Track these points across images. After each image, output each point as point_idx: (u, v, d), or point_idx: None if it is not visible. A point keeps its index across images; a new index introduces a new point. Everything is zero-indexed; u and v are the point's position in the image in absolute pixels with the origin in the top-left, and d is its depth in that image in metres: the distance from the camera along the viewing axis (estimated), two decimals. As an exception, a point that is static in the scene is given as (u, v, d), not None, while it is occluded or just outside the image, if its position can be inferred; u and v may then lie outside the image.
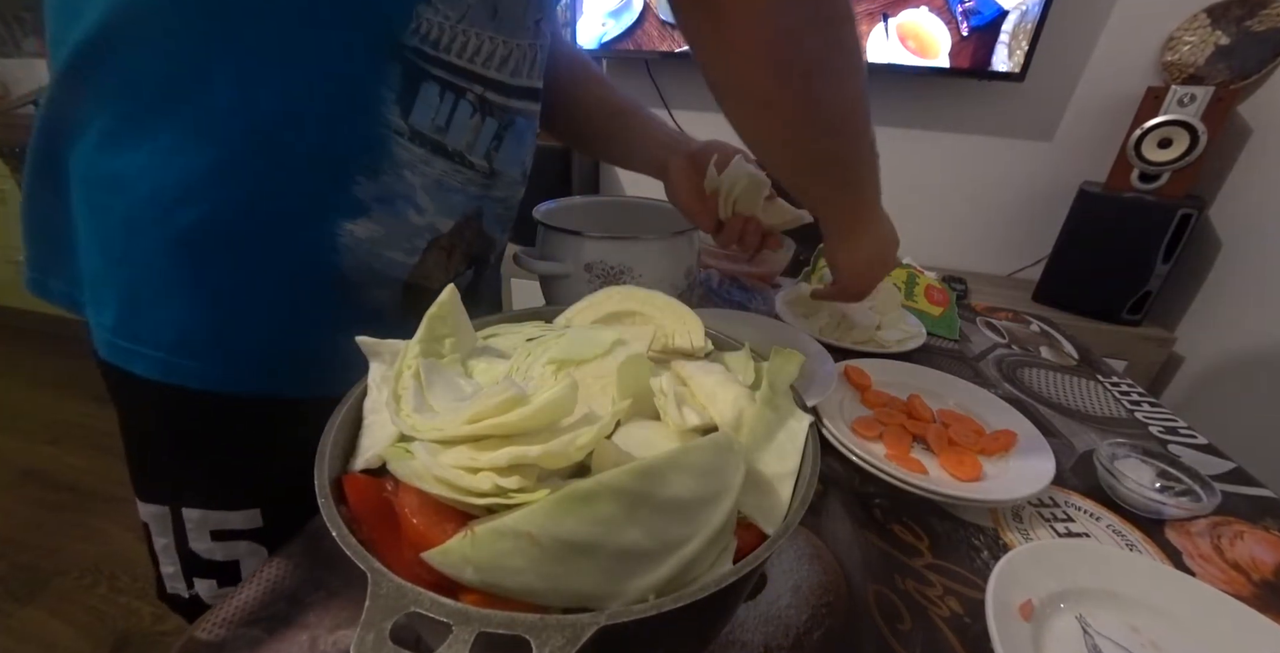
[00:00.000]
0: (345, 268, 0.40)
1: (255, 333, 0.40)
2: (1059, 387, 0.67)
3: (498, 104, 0.43)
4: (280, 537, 0.39)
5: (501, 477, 0.22)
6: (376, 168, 0.38)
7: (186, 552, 0.45)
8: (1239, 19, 1.27)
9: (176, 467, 0.44)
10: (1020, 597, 0.35)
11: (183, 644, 0.31)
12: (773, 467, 0.27)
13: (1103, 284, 1.36)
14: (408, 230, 0.42)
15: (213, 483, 0.44)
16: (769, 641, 0.33)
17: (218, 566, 0.45)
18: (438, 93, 0.39)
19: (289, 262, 0.39)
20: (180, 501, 0.44)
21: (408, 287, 0.44)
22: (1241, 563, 0.43)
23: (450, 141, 0.41)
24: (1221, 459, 0.55)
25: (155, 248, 0.37)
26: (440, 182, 0.42)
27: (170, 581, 0.46)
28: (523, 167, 0.50)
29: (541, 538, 0.20)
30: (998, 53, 1.38)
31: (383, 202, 0.39)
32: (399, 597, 0.18)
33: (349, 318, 0.40)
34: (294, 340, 0.41)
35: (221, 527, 0.44)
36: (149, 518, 0.45)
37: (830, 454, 0.48)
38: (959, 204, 1.67)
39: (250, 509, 0.44)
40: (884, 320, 0.72)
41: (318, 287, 0.40)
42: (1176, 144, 1.25)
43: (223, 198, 0.36)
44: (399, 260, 0.42)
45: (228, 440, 0.43)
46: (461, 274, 0.48)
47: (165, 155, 0.35)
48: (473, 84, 0.40)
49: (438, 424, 0.24)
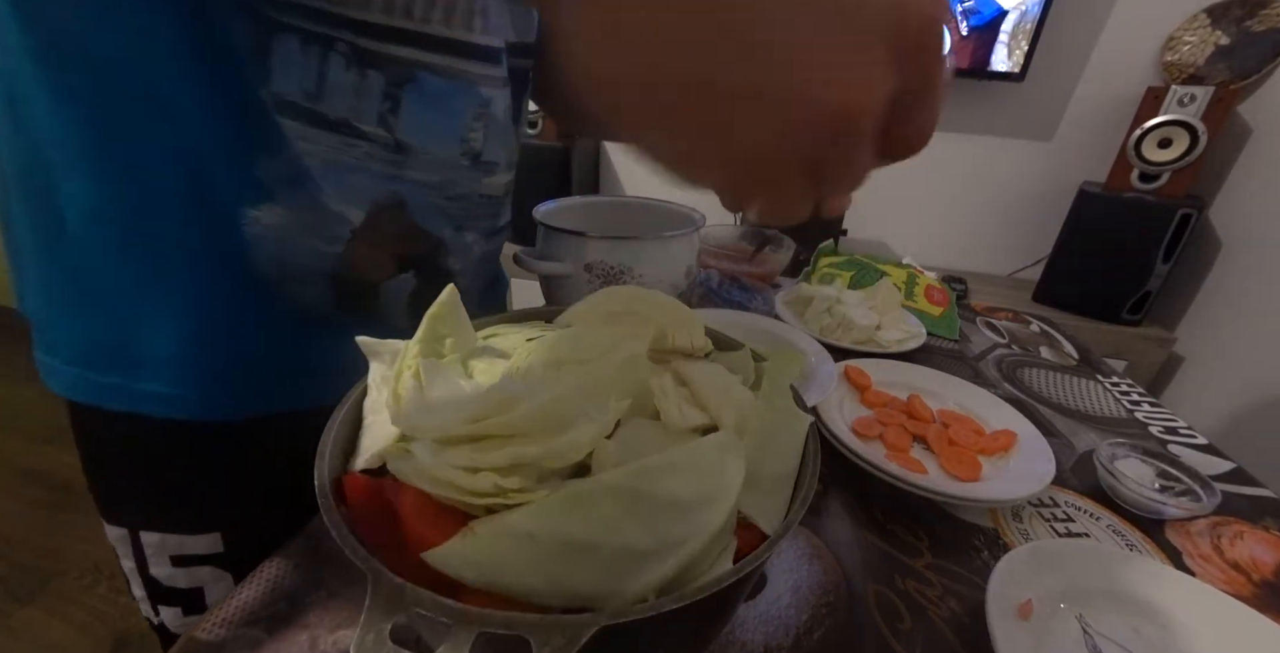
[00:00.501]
0: (258, 261, 0.36)
1: (167, 345, 0.36)
2: (1059, 387, 0.67)
3: (378, 54, 0.34)
4: (245, 562, 0.36)
5: (502, 477, 0.22)
6: (272, 145, 0.33)
7: (149, 578, 0.42)
8: (1239, 19, 1.27)
9: (129, 489, 0.42)
10: (1020, 597, 0.35)
11: (183, 644, 0.31)
12: (773, 467, 0.27)
13: (1103, 284, 1.36)
14: (323, 216, 0.36)
15: (168, 505, 0.41)
16: (769, 641, 0.33)
17: (181, 593, 0.43)
18: (298, 47, 0.32)
19: (188, 256, 0.35)
20: (138, 523, 0.41)
21: (336, 281, 0.39)
22: (1241, 563, 0.43)
23: (328, 109, 0.34)
24: (1221, 459, 0.55)
25: (28, 228, 0.34)
26: (334, 160, 0.35)
27: (141, 604, 0.44)
28: (463, 143, 0.40)
29: (541, 538, 0.20)
30: (997, 52, 1.38)
31: (290, 184, 0.34)
32: (399, 597, 0.18)
33: (276, 322, 0.37)
34: (219, 351, 0.38)
35: (181, 552, 0.42)
36: (113, 539, 0.42)
37: (830, 454, 0.48)
38: (959, 204, 1.67)
39: (210, 534, 0.41)
40: (884, 320, 0.72)
41: (232, 286, 0.36)
42: (1176, 144, 1.25)
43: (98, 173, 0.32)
44: (321, 250, 0.37)
45: (173, 463, 0.40)
46: (394, 277, 0.41)
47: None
48: (339, 30, 0.32)
49: (438, 424, 0.24)
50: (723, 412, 0.28)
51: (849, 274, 0.84)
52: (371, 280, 0.40)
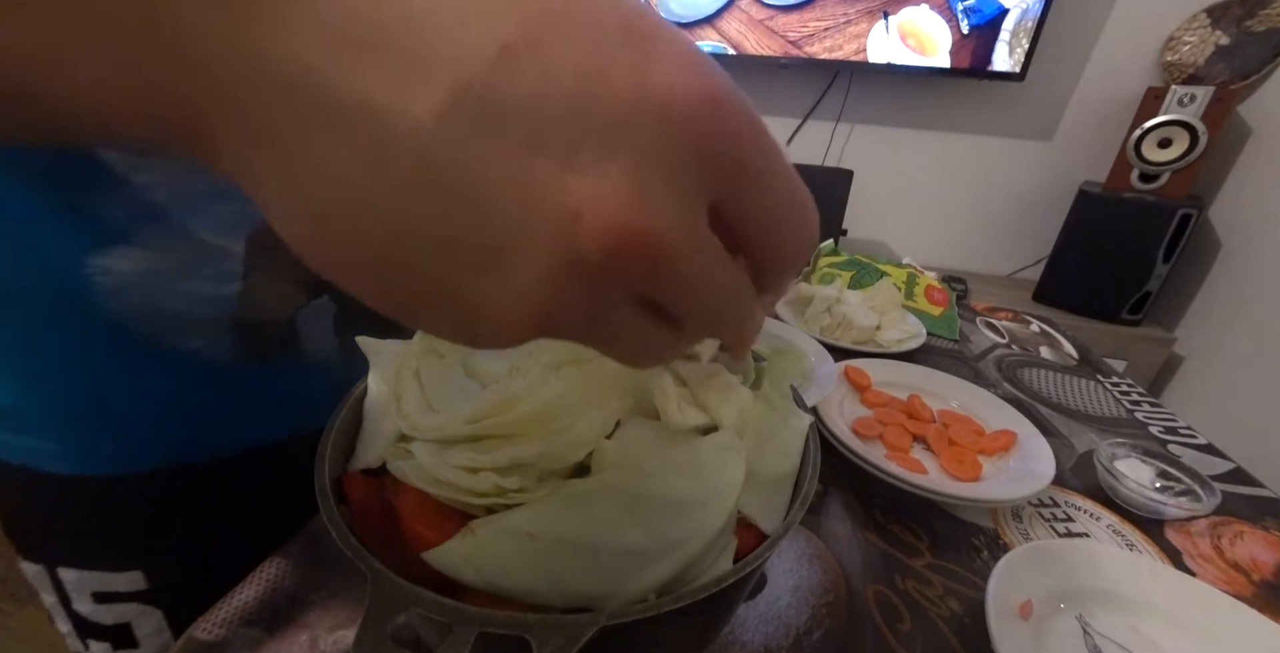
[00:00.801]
0: (121, 313, 0.31)
1: (40, 403, 0.33)
2: (1059, 387, 0.67)
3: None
4: (174, 597, 0.34)
5: (501, 477, 0.22)
6: (102, 179, 0.28)
7: (73, 611, 0.39)
8: (1239, 19, 1.27)
9: (41, 530, 0.39)
10: (1020, 597, 0.35)
11: (183, 644, 0.31)
12: (773, 467, 0.27)
13: (1103, 284, 1.36)
14: (201, 254, 0.31)
15: (84, 545, 0.38)
16: (769, 641, 0.33)
17: (108, 628, 0.40)
18: None
19: (29, 312, 0.30)
20: (55, 561, 0.38)
21: (239, 326, 0.34)
22: (1241, 563, 0.43)
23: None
24: (1221, 459, 0.55)
25: None
26: (188, 190, 0.30)
27: (68, 638, 0.41)
28: None
29: (541, 538, 0.20)
30: (998, 51, 1.38)
31: (150, 221, 0.29)
32: (399, 597, 0.18)
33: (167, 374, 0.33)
34: (104, 408, 0.34)
35: (103, 589, 0.38)
36: (30, 576, 0.39)
37: (830, 454, 0.48)
38: (959, 204, 1.67)
39: (132, 571, 0.38)
40: (884, 320, 0.72)
41: (96, 341, 0.31)
42: (1176, 144, 1.25)
43: None
44: (208, 294, 0.32)
45: (83, 507, 0.37)
46: (306, 305, 0.37)
47: None
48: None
49: (438, 424, 0.24)
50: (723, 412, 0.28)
51: (849, 274, 0.84)
52: (279, 319, 0.36)
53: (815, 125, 1.66)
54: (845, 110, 1.62)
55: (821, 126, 1.66)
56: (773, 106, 1.65)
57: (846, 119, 1.63)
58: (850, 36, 1.46)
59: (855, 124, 1.65)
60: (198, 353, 0.34)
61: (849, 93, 1.59)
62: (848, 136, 1.66)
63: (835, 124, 1.64)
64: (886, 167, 1.65)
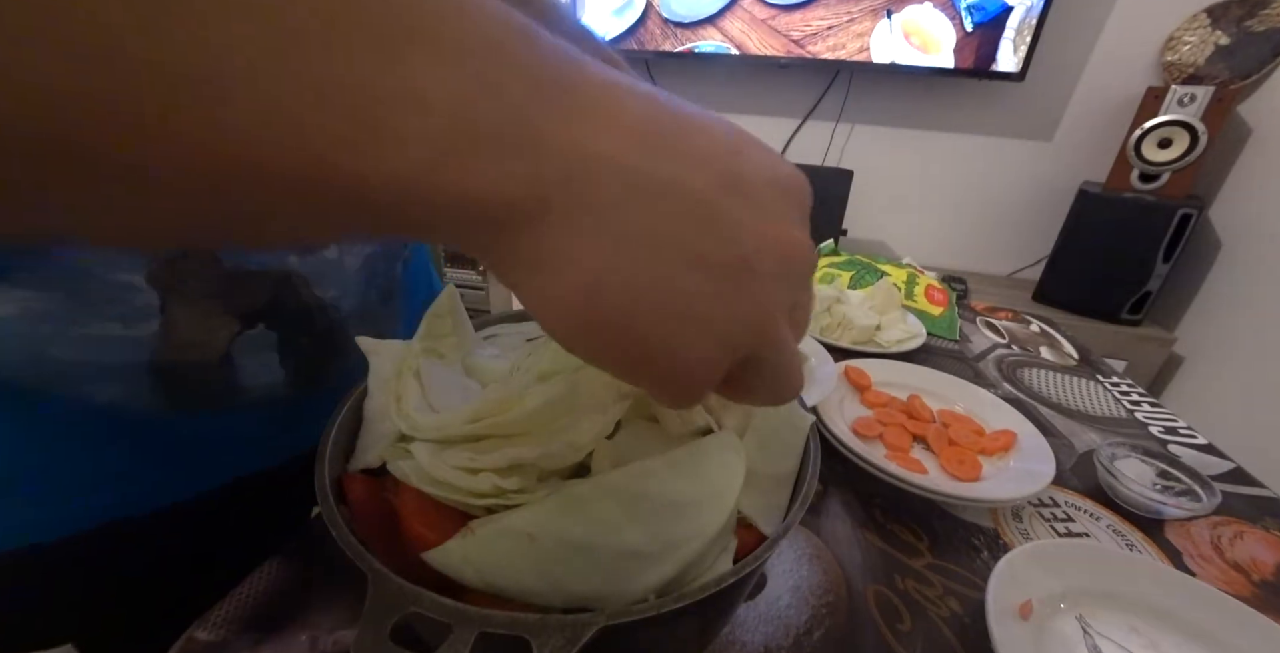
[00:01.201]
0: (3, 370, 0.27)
1: None
2: (1059, 387, 0.67)
3: None
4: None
5: (501, 477, 0.22)
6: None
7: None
8: (1239, 19, 1.27)
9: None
10: (1020, 597, 0.35)
11: (183, 644, 0.31)
12: (773, 467, 0.27)
13: (1103, 284, 1.36)
14: (104, 291, 0.27)
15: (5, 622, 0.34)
16: (769, 641, 0.33)
17: None
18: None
19: None
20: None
21: (159, 371, 0.30)
22: (1241, 563, 0.43)
23: None
24: (1221, 459, 0.55)
25: None
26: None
27: None
28: None
29: (541, 538, 0.20)
30: (1003, 49, 1.38)
31: (35, 256, 0.26)
32: (399, 597, 0.18)
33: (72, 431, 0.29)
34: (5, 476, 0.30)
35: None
36: None
37: (830, 454, 0.48)
38: (959, 204, 1.67)
39: (61, 645, 0.35)
40: (884, 320, 0.72)
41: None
42: (1176, 144, 1.25)
43: None
44: (115, 336, 0.28)
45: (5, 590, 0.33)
46: (235, 339, 0.32)
47: None
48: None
49: (438, 424, 0.24)
50: (723, 412, 0.28)
51: (849, 274, 0.84)
52: (211, 358, 0.31)
53: (815, 125, 1.66)
54: (845, 110, 1.62)
55: (822, 126, 1.66)
56: (773, 106, 1.65)
57: (846, 119, 1.63)
58: (853, 35, 1.45)
59: (855, 124, 1.65)
60: (111, 404, 0.30)
61: (849, 93, 1.59)
62: (848, 136, 1.66)
63: (835, 124, 1.64)
64: (886, 166, 1.65)
